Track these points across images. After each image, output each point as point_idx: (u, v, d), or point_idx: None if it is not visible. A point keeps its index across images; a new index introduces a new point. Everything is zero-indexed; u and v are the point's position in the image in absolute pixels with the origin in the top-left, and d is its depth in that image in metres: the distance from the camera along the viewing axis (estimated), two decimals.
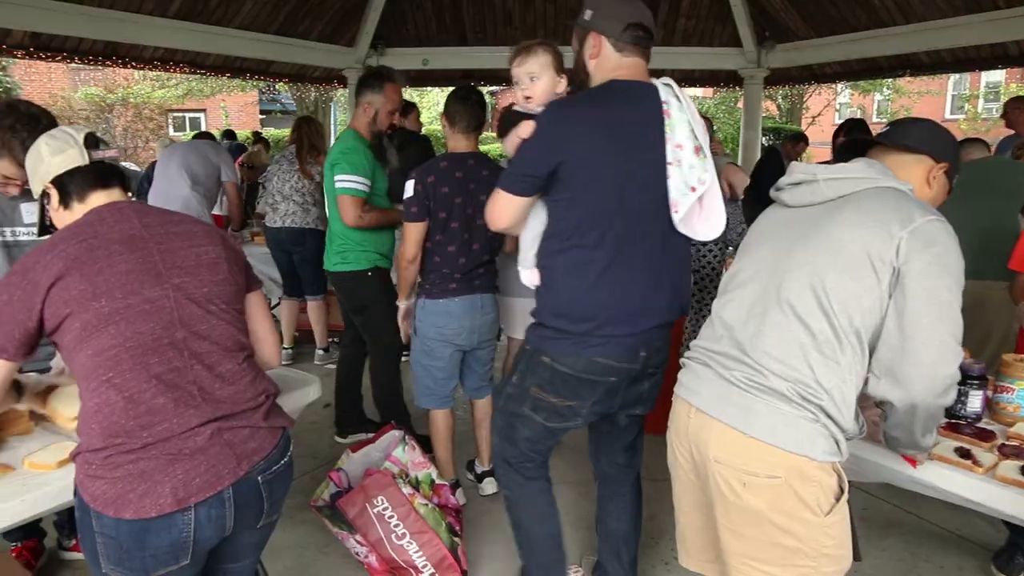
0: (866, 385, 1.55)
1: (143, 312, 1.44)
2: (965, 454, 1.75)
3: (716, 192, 2.00)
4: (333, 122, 17.81)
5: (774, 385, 1.51)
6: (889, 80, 16.66)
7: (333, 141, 3.36)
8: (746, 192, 3.72)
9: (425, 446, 3.01)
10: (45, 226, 1.66)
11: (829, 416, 1.50)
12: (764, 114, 12.76)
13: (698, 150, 1.95)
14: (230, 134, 8.62)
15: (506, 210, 2.02)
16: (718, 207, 2.02)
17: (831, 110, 21.10)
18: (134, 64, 8.60)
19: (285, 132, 18.67)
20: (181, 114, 21.72)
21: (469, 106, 2.86)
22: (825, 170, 1.64)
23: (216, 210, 5.47)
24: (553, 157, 1.92)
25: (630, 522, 2.42)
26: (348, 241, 3.33)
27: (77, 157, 1.57)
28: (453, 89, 3.00)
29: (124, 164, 12.43)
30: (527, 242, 2.14)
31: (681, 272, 2.11)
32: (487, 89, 14.46)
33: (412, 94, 19.35)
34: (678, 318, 2.13)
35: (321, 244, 3.62)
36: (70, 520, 2.76)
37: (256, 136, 8.51)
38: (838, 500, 1.53)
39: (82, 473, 1.42)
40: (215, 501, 1.45)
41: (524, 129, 1.96)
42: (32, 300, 1.40)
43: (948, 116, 20.62)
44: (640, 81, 2.00)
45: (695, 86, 10.36)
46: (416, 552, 2.54)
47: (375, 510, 2.51)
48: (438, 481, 2.80)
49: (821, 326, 1.50)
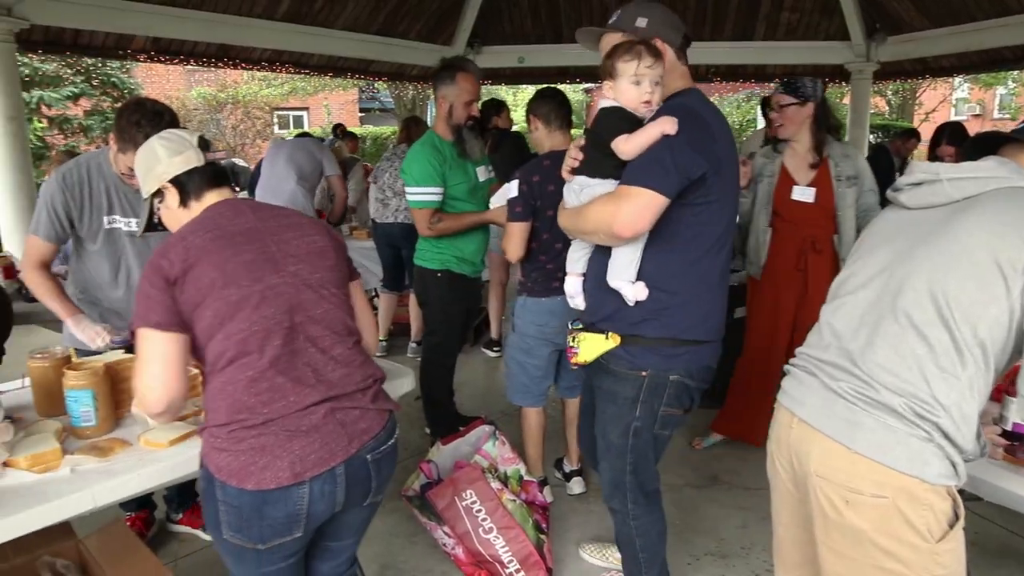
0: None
1: (267, 299, 1.53)
2: None
3: None
4: (429, 120, 18.14)
5: (885, 400, 1.42)
6: (1014, 73, 15.55)
7: None
8: None
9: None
10: (153, 224, 1.77)
11: (946, 435, 1.38)
12: (872, 111, 12.17)
13: None
14: (340, 128, 8.86)
15: (653, 212, 1.78)
16: None
17: (947, 106, 19.90)
18: (244, 65, 9.01)
19: (383, 129, 19.13)
20: (286, 112, 22.64)
21: (559, 103, 2.87)
22: (950, 169, 1.51)
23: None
24: (707, 159, 1.81)
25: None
26: (426, 240, 3.36)
27: (194, 158, 1.66)
28: (539, 90, 2.99)
29: (234, 160, 13.07)
30: (628, 255, 1.92)
31: None
32: (583, 86, 14.34)
33: (506, 92, 19.45)
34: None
35: None
36: (179, 495, 2.93)
37: (340, 131, 8.71)
38: (952, 527, 1.42)
39: (208, 446, 1.52)
40: (328, 477, 1.53)
41: (669, 125, 1.77)
42: (169, 291, 1.49)
43: None
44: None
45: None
46: (503, 547, 2.56)
47: (464, 503, 2.54)
48: (527, 478, 2.81)
49: (940, 337, 1.39)
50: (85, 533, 2.15)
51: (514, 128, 5.74)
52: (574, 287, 2.16)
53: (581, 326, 2.07)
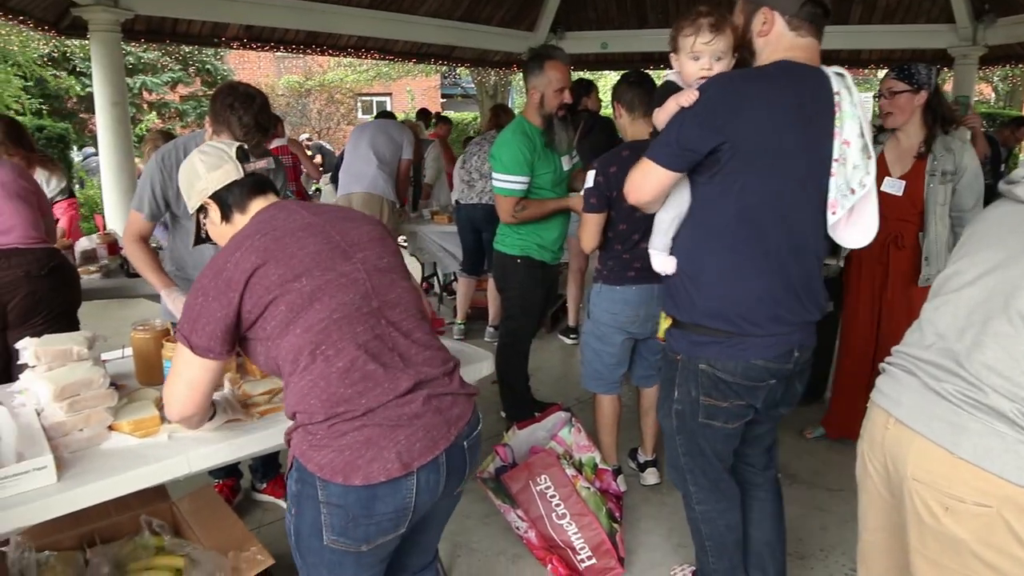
0: None
1: (342, 285, 1.50)
2: None
3: (873, 197, 1.85)
4: (512, 106, 18.17)
5: (994, 403, 1.32)
6: None
7: None
8: None
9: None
10: (201, 238, 1.78)
11: None
12: (977, 97, 11.50)
13: (865, 150, 1.80)
14: (424, 113, 8.96)
15: (652, 184, 1.86)
16: (871, 213, 1.86)
17: None
18: (331, 51, 9.24)
19: (464, 115, 19.27)
20: (369, 97, 23.09)
21: (645, 91, 2.80)
22: None
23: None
24: (718, 134, 1.76)
25: (772, 531, 2.24)
26: (508, 226, 3.37)
27: (233, 171, 1.64)
28: (623, 75, 2.93)
29: (321, 143, 13.38)
30: (664, 224, 2.00)
31: (817, 275, 1.98)
32: (667, 73, 14.02)
33: (590, 78, 19.22)
34: (819, 318, 2.00)
35: None
36: (263, 465, 3.05)
37: (424, 115, 8.79)
38: None
39: (305, 445, 1.45)
40: (432, 466, 1.48)
41: (686, 97, 1.78)
42: (229, 296, 1.46)
43: None
44: (810, 65, 1.81)
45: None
46: (575, 533, 2.56)
47: (538, 488, 2.55)
48: (601, 466, 2.79)
49: None
50: (177, 496, 2.27)
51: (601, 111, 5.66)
52: (664, 266, 2.06)
53: None
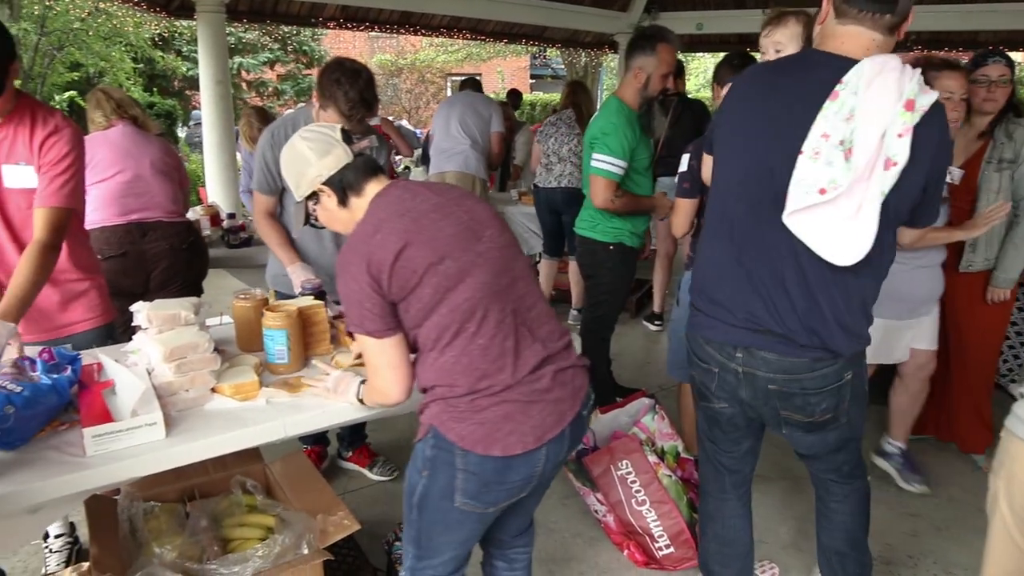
0: None
1: (479, 265, 1.54)
2: None
3: (866, 214, 1.56)
4: (600, 88, 17.95)
5: None
6: None
7: (598, 107, 3.27)
8: None
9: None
10: (309, 223, 1.79)
11: None
12: None
13: (849, 153, 1.55)
14: (515, 94, 8.93)
15: (705, 165, 2.14)
16: (861, 230, 1.57)
17: None
18: (423, 31, 9.33)
19: (553, 96, 19.14)
20: (459, 78, 23.15)
21: (735, 72, 2.69)
22: None
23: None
24: (715, 119, 1.92)
25: (845, 542, 2.14)
26: (600, 212, 3.26)
27: (343, 156, 1.64)
28: (726, 55, 2.81)
29: (402, 122, 13.56)
30: None
31: (819, 293, 1.70)
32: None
33: (683, 59, 18.77)
34: (814, 346, 1.75)
35: None
36: (351, 434, 3.15)
37: (513, 96, 8.74)
38: None
39: (445, 416, 1.53)
40: (559, 437, 1.57)
41: (725, 88, 1.92)
42: (380, 279, 1.50)
43: None
44: (838, 55, 1.64)
45: (1019, 49, 8.81)
46: (654, 521, 2.54)
47: (619, 472, 2.54)
48: (683, 455, 2.76)
49: None
50: (270, 459, 2.37)
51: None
52: None
53: None
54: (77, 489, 1.56)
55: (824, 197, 1.56)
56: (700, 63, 21.18)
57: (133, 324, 1.93)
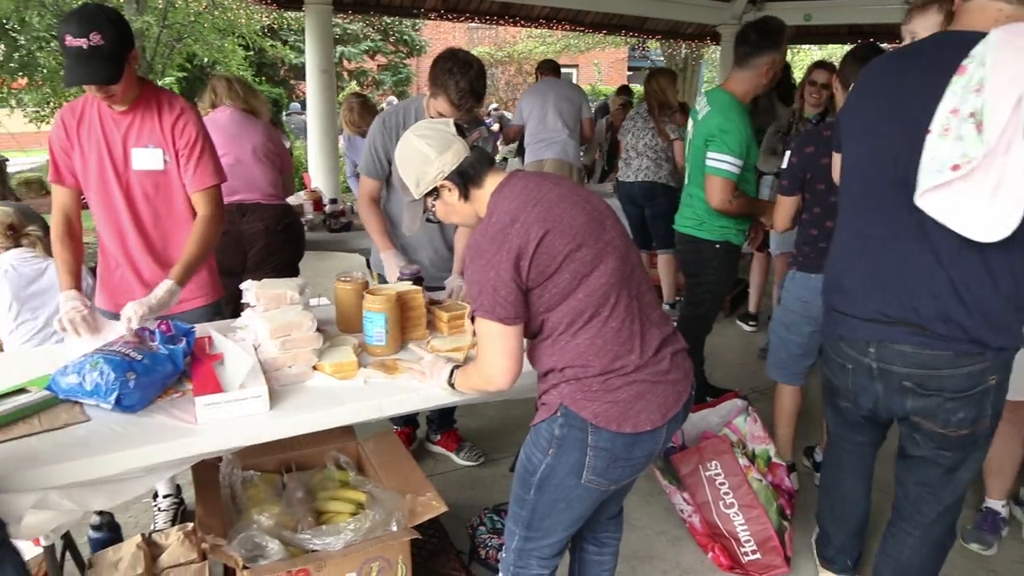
0: None
1: (609, 253, 1.58)
2: None
3: (1009, 185, 1.48)
4: (700, 81, 17.53)
5: None
6: None
7: (701, 99, 3.12)
8: None
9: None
10: (427, 219, 1.84)
11: None
12: None
13: (980, 126, 1.48)
14: (624, 90, 8.82)
15: (834, 165, 2.10)
16: (1004, 203, 1.49)
17: None
18: (523, 22, 9.35)
19: None
20: None
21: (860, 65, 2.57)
22: None
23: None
24: (839, 115, 1.94)
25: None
26: (708, 211, 3.11)
27: (462, 149, 1.67)
28: (852, 48, 2.71)
29: (503, 112, 13.66)
30: None
31: (955, 276, 1.64)
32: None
33: (790, 53, 18.19)
34: (955, 337, 1.67)
35: (672, 199, 3.60)
36: (440, 418, 3.21)
37: (622, 90, 8.62)
38: None
39: (578, 395, 1.58)
40: (677, 417, 1.66)
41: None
42: (520, 265, 1.53)
43: None
44: (965, 31, 1.60)
45: None
46: (741, 525, 2.48)
47: (707, 473, 2.49)
48: (775, 459, 2.68)
49: None
50: (362, 437, 2.45)
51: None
52: None
53: None
54: (188, 454, 1.66)
55: (957, 173, 1.51)
56: (805, 55, 20.36)
57: (242, 301, 2.03)
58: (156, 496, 2.75)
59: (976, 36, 1.53)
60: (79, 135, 2.24)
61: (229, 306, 2.76)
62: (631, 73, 24.25)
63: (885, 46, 2.47)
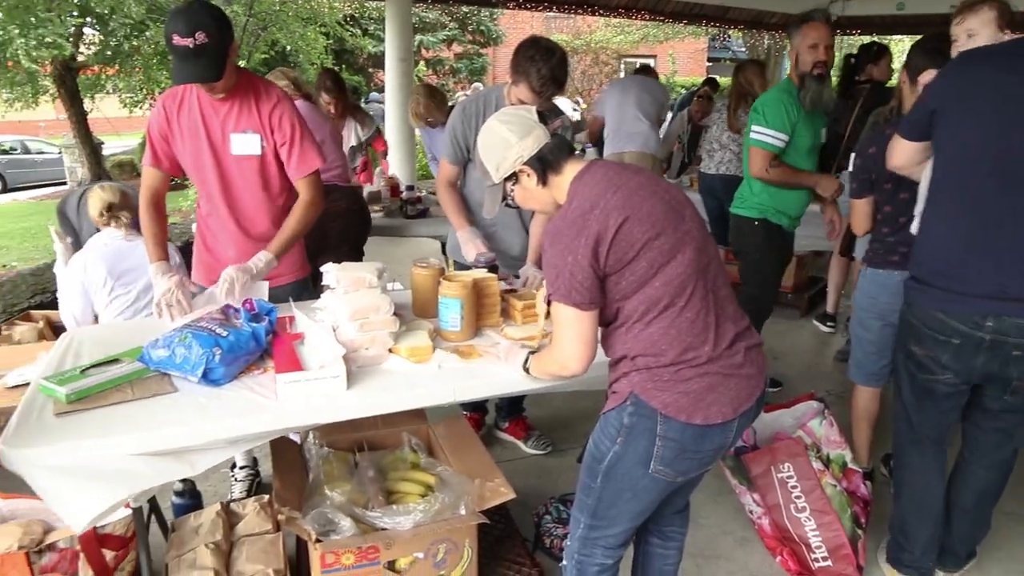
0: None
1: (686, 243, 1.56)
2: None
3: None
4: (782, 72, 17.02)
5: None
6: None
7: None
8: None
9: None
10: (506, 205, 1.87)
11: None
12: None
13: None
14: (710, 82, 8.67)
15: (896, 151, 2.18)
16: None
17: None
18: (601, 12, 9.27)
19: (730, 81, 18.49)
20: (633, 59, 22.87)
21: (941, 62, 2.46)
22: None
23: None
24: (931, 103, 1.98)
25: (974, 502, 2.31)
26: (750, 187, 3.31)
27: (543, 136, 1.67)
28: (917, 41, 2.64)
29: (577, 99, 13.57)
30: (923, 192, 2.17)
31: None
32: None
33: (883, 42, 17.52)
34: None
35: None
36: (509, 405, 3.24)
37: (708, 82, 8.43)
38: None
39: (649, 384, 1.57)
40: (750, 411, 1.64)
41: (927, 76, 2.11)
42: (599, 251, 1.52)
43: None
44: None
45: None
46: (813, 530, 2.42)
47: (779, 475, 2.44)
48: (851, 465, 2.59)
49: None
50: (433, 421, 2.49)
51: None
52: (914, 229, 2.26)
53: None
54: (268, 428, 1.72)
55: None
56: (899, 46, 19.51)
57: (322, 283, 2.09)
58: (234, 467, 2.87)
59: None
60: (179, 121, 2.35)
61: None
62: (710, 64, 23.73)
63: None
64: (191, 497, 2.55)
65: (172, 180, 2.49)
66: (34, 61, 6.91)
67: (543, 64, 2.32)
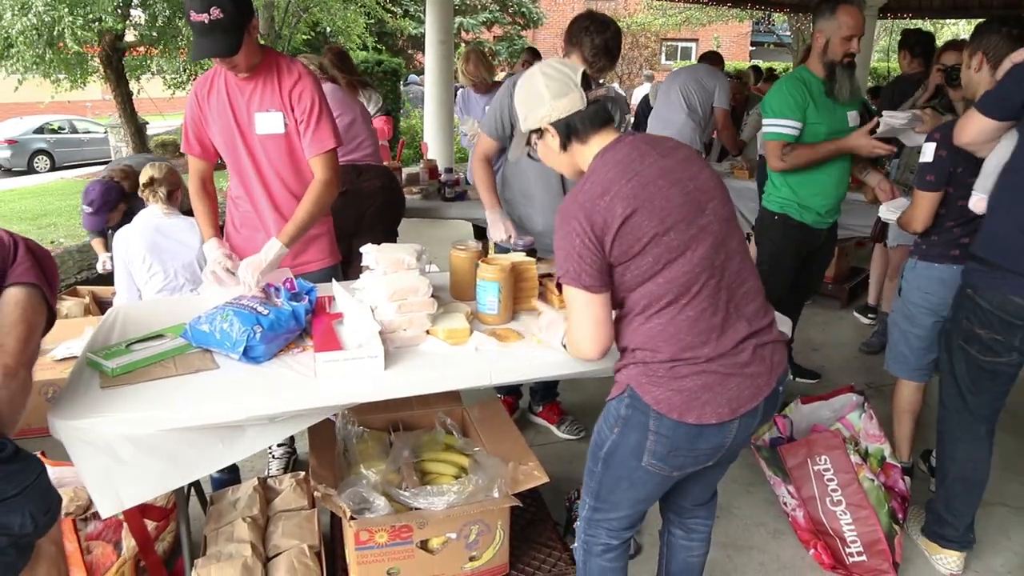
0: None
1: (701, 239, 1.51)
2: None
3: None
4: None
5: None
6: None
7: None
8: None
9: None
10: (527, 154, 1.80)
11: None
12: None
13: None
14: (754, 69, 8.51)
15: (973, 128, 2.16)
16: None
17: None
18: None
19: (775, 65, 18.15)
20: (674, 42, 22.60)
21: (1012, 42, 2.35)
22: None
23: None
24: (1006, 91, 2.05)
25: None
26: (772, 181, 3.24)
27: (578, 100, 1.59)
28: (984, 22, 2.47)
29: (611, 85, 13.45)
30: (989, 168, 2.22)
31: None
32: None
33: (934, 28, 17.05)
34: None
35: None
36: (544, 389, 3.24)
37: (760, 72, 8.27)
38: None
39: (644, 379, 1.55)
40: (752, 412, 1.58)
41: (1019, 54, 2.06)
42: (604, 240, 1.49)
43: None
44: None
45: None
46: (848, 524, 2.38)
47: (816, 467, 2.40)
48: (889, 460, 2.55)
49: None
50: (468, 403, 2.50)
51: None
52: (976, 205, 2.32)
53: None
54: (306, 406, 1.74)
55: None
56: (948, 31, 18.91)
57: (362, 264, 2.10)
58: (271, 444, 2.92)
59: None
60: (209, 104, 2.38)
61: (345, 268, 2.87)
62: (754, 48, 23.28)
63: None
64: (230, 472, 2.61)
65: (218, 161, 2.52)
66: (80, 43, 7.05)
67: (597, 35, 2.32)
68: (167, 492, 2.09)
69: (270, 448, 2.91)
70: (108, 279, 4.10)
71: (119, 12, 7.37)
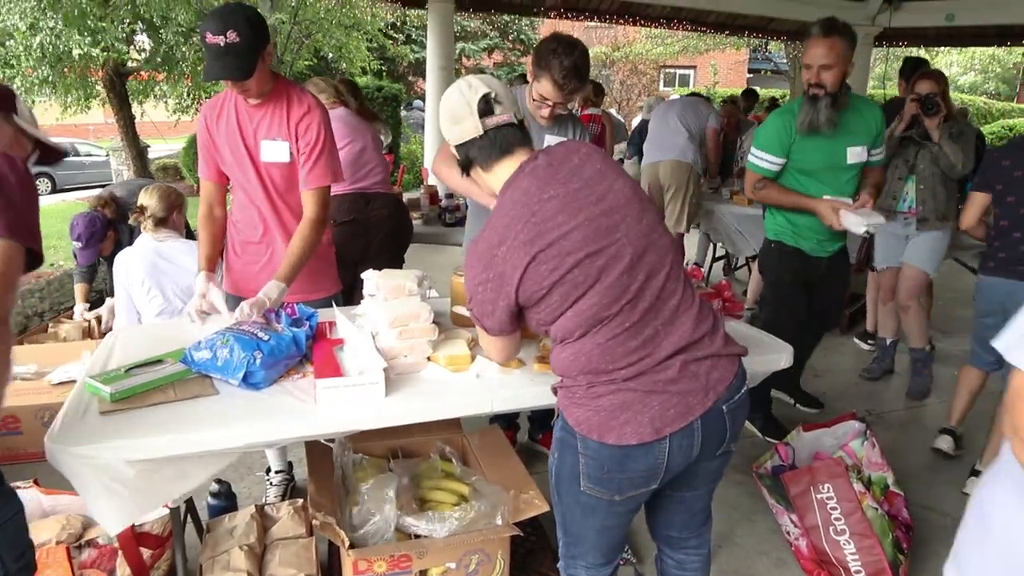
0: None
1: (610, 267, 1.45)
2: None
3: None
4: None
5: None
6: None
7: None
8: None
9: None
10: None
11: None
12: None
13: None
14: (750, 93, 8.61)
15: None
16: None
17: None
18: (643, 22, 9.23)
19: (772, 92, 18.29)
20: (672, 70, 22.81)
21: None
22: None
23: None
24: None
25: None
26: (769, 207, 3.30)
27: (471, 129, 1.55)
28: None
29: (610, 111, 13.57)
30: None
31: None
32: None
33: (929, 56, 17.20)
34: None
35: None
36: (543, 417, 3.22)
37: (746, 93, 8.37)
38: None
39: (567, 400, 1.55)
40: (686, 431, 1.49)
41: None
42: (506, 290, 1.48)
43: None
44: None
45: None
46: (852, 554, 2.36)
47: (819, 496, 2.38)
48: (893, 488, 2.53)
49: None
50: (467, 431, 2.48)
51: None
52: None
53: None
54: (306, 433, 1.73)
55: None
56: (943, 58, 19.10)
57: (363, 290, 2.10)
58: (269, 471, 2.89)
59: None
60: (218, 128, 2.38)
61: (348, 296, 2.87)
62: (751, 76, 23.51)
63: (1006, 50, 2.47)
64: (226, 498, 2.58)
65: (228, 186, 2.52)
66: (87, 66, 7.14)
67: (566, 57, 2.31)
68: (166, 512, 2.08)
69: (268, 476, 2.89)
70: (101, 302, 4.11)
71: (125, 37, 7.47)
